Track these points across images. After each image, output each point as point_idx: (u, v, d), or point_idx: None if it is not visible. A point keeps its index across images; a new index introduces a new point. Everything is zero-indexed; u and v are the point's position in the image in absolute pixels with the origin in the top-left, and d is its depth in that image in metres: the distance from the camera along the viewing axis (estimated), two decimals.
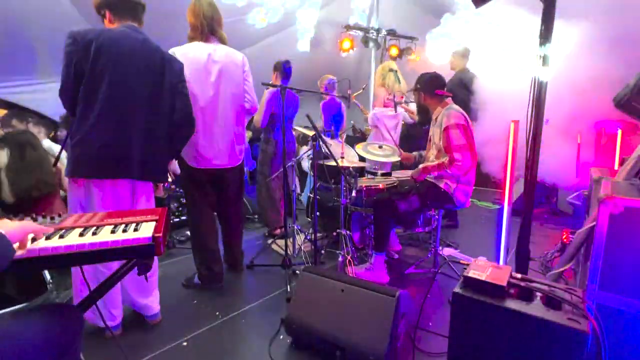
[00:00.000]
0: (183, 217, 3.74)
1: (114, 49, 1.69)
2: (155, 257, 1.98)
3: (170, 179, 2.09)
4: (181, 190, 3.66)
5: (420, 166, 2.53)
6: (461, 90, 3.39)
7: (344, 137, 4.04)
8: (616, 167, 2.59)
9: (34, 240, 0.94)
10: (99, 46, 1.64)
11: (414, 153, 2.84)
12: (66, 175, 1.74)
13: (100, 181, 1.73)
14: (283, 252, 2.69)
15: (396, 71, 3.62)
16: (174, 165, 2.40)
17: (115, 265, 1.67)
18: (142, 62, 1.77)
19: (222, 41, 2.30)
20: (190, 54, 2.16)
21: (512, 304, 1.24)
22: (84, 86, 1.67)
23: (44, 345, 0.91)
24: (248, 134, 5.38)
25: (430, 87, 2.52)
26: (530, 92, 1.66)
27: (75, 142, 1.69)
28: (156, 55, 1.82)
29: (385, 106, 3.62)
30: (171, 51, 2.12)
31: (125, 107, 1.73)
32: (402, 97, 3.50)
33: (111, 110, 1.70)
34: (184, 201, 3.82)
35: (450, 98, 2.54)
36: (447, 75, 2.87)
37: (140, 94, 1.78)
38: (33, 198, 2.33)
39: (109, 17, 1.80)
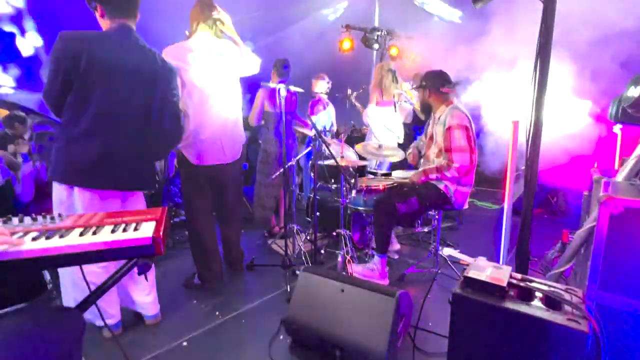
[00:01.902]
0: (182, 217, 3.74)
1: (107, 60, 1.62)
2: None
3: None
4: (173, 188, 3.68)
5: (420, 169, 2.53)
6: None
7: (344, 137, 4.03)
8: (616, 167, 2.59)
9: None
10: (90, 57, 1.56)
11: (414, 150, 2.82)
12: (49, 175, 1.71)
13: (84, 189, 1.69)
14: (283, 252, 2.69)
15: (394, 72, 3.61)
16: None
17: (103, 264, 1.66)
18: (136, 72, 1.71)
19: (219, 37, 2.29)
20: (187, 50, 2.16)
21: (512, 304, 1.24)
22: (73, 95, 1.60)
23: (45, 348, 0.90)
24: (246, 134, 5.37)
25: (437, 84, 2.50)
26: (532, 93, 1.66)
27: (60, 146, 1.65)
28: (150, 64, 1.76)
29: (379, 105, 3.61)
30: (167, 48, 2.12)
31: (116, 118, 1.69)
32: (399, 96, 3.49)
33: (100, 123, 1.64)
34: (179, 201, 3.83)
35: (455, 97, 2.53)
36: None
37: (132, 106, 1.73)
38: None
39: (101, 12, 1.69)
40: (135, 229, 1.07)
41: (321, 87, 3.90)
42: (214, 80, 2.24)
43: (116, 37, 1.69)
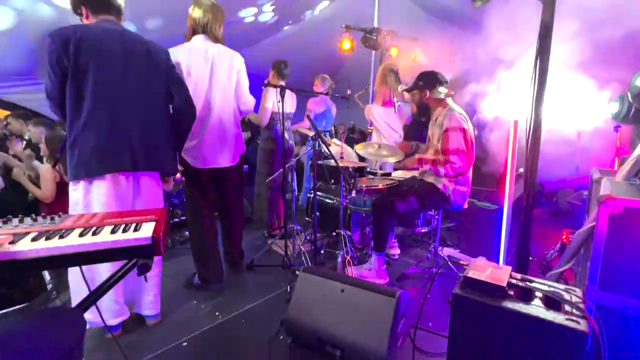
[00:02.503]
0: (181, 218, 3.74)
1: (93, 43, 1.64)
2: (159, 258, 2.00)
3: (179, 171, 2.10)
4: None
5: (416, 155, 2.53)
6: None
7: (344, 137, 4.03)
8: (616, 167, 2.59)
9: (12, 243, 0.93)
10: (77, 42, 1.60)
11: (412, 142, 2.85)
12: (69, 180, 1.72)
13: (101, 179, 1.70)
14: (283, 252, 2.69)
15: (397, 72, 3.62)
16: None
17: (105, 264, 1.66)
18: (123, 51, 1.72)
19: (217, 41, 2.29)
20: (185, 54, 2.16)
21: (512, 304, 1.24)
22: (69, 85, 1.63)
23: (47, 350, 0.91)
24: (246, 135, 5.37)
25: (434, 84, 2.50)
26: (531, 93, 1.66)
27: (70, 143, 1.67)
28: (137, 43, 1.78)
29: (384, 105, 3.63)
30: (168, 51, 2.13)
31: (115, 100, 1.70)
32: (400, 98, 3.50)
33: (101, 105, 1.66)
34: (176, 202, 3.83)
35: (451, 98, 2.53)
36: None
37: (128, 85, 1.74)
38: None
39: (86, 14, 1.75)
40: (135, 229, 1.07)
41: (323, 87, 3.91)
42: (210, 84, 2.23)
43: (97, 25, 1.73)
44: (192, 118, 2.03)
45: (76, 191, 1.72)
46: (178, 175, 2.11)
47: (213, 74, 2.23)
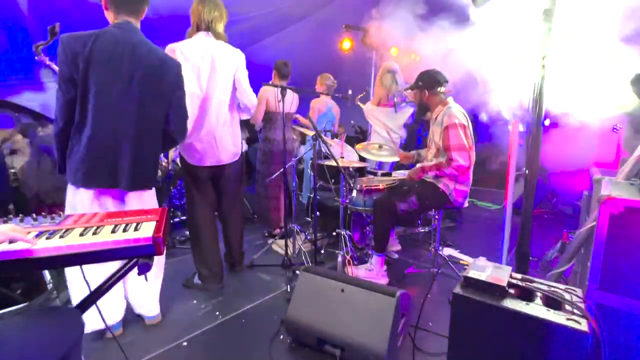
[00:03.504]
0: (182, 218, 3.74)
1: (102, 58, 1.63)
2: (163, 261, 1.97)
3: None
4: (173, 190, 3.67)
5: (418, 165, 2.53)
6: None
7: (344, 137, 4.02)
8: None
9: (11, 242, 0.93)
10: (86, 58, 1.60)
11: (412, 152, 2.84)
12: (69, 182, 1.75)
13: (87, 189, 1.71)
14: (283, 252, 2.69)
15: (394, 72, 3.60)
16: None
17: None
18: (133, 69, 1.69)
19: (219, 39, 2.28)
20: (185, 51, 2.15)
21: (512, 304, 1.24)
22: (79, 97, 1.63)
23: (46, 349, 0.91)
24: (244, 134, 5.36)
25: (433, 84, 2.50)
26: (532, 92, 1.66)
27: (69, 151, 1.70)
28: (150, 59, 1.74)
29: (381, 105, 3.62)
30: (168, 47, 2.13)
31: (110, 120, 1.68)
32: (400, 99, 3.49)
33: (97, 123, 1.66)
34: (177, 203, 3.83)
35: (451, 97, 2.53)
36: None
37: (127, 106, 1.71)
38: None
39: (104, 3, 1.73)
40: (136, 229, 1.07)
41: (325, 87, 3.91)
42: (208, 83, 2.22)
43: (111, 35, 1.68)
44: (181, 141, 2.05)
45: (68, 193, 1.75)
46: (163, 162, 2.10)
47: (212, 71, 2.23)
